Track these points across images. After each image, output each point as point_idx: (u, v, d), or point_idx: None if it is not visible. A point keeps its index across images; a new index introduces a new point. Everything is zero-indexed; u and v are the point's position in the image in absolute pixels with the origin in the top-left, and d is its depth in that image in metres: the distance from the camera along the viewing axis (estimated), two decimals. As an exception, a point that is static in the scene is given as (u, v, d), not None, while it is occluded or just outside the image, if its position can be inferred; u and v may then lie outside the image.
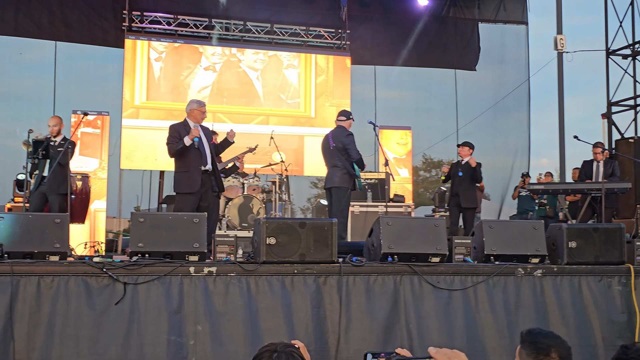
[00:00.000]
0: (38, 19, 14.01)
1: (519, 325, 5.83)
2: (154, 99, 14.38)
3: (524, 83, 16.53)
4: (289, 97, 15.27)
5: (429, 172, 29.49)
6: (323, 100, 15.34)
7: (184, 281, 5.39)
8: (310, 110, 15.36)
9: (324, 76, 15.47)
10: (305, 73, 15.43)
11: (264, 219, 5.68)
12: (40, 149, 8.48)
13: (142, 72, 14.32)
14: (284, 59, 15.33)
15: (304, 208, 21.12)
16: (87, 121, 11.98)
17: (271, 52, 15.25)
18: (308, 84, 15.41)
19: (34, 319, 5.06)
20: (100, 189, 12.27)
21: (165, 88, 14.53)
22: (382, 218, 5.98)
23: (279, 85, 15.19)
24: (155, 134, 13.69)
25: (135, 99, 14.21)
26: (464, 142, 10.92)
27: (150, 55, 14.42)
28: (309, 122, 15.27)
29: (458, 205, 10.57)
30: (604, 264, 6.29)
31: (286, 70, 15.31)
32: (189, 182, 7.77)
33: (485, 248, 6.22)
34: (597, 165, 10.90)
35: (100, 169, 12.21)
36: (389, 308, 5.70)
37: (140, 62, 14.31)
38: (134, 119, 14.11)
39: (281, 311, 5.48)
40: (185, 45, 14.77)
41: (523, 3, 16.74)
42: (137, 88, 14.24)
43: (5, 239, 5.34)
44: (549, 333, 3.10)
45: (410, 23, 16.16)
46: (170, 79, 14.58)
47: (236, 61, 15.07)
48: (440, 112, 16.93)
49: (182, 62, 14.71)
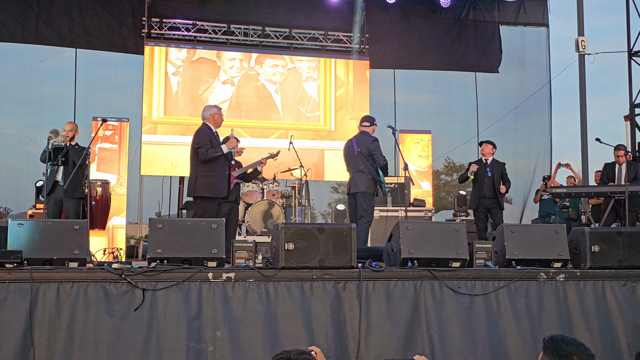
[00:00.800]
0: (58, 26, 14.13)
1: (542, 330, 5.76)
2: (172, 114, 14.37)
3: (546, 85, 16.41)
4: (308, 111, 15.17)
5: (450, 176, 29.38)
6: (343, 113, 15.23)
7: (202, 287, 5.38)
8: (330, 123, 15.24)
9: (343, 88, 15.38)
10: (324, 85, 15.33)
11: (283, 225, 5.65)
12: (60, 155, 8.52)
13: (160, 87, 14.31)
14: (303, 72, 15.25)
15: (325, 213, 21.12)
16: (104, 136, 11.96)
17: (290, 64, 15.16)
18: (328, 97, 15.31)
19: (53, 326, 5.07)
20: (119, 205, 12.07)
21: (183, 103, 14.50)
22: (402, 223, 5.93)
23: (298, 98, 15.11)
24: (173, 149, 13.75)
25: (152, 114, 14.22)
26: (487, 140, 10.61)
27: (167, 69, 14.41)
28: (329, 135, 15.14)
29: (486, 208, 10.19)
30: (628, 268, 6.20)
31: (305, 83, 15.24)
32: (217, 187, 7.91)
33: (506, 252, 6.14)
34: (619, 168, 10.76)
35: (118, 185, 12.03)
36: (409, 313, 5.65)
37: (157, 77, 14.31)
38: (152, 134, 14.12)
39: (300, 317, 5.45)
40: (203, 59, 14.71)
41: (543, 5, 16.64)
42: (154, 103, 14.24)
43: (24, 245, 5.36)
44: (572, 340, 3.05)
45: (429, 26, 16.14)
46: (188, 93, 14.55)
47: (255, 74, 14.99)
48: (461, 115, 16.84)
49: (200, 76, 14.68)
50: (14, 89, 14.55)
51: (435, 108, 17.03)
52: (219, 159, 7.95)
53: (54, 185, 8.85)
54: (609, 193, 10.38)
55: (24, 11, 13.89)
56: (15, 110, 14.72)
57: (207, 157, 7.86)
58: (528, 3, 16.57)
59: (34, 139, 13.70)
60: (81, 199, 8.96)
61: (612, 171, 10.86)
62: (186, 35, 14.70)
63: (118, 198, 11.94)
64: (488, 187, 10.16)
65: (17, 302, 5.04)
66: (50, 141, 8.39)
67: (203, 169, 7.92)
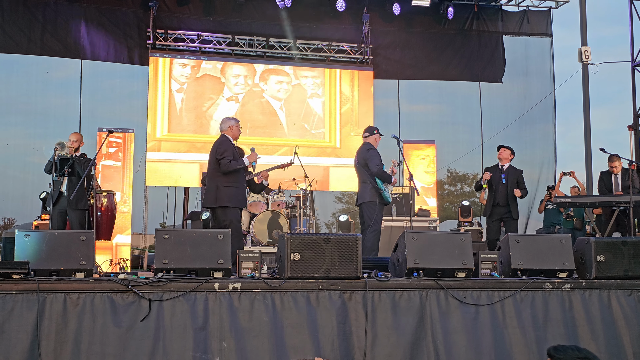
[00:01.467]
0: (64, 38, 14.22)
1: (548, 340, 5.75)
2: (176, 131, 14.36)
3: (550, 95, 16.45)
4: (313, 127, 15.15)
5: (454, 186, 29.37)
6: (348, 129, 15.19)
7: (208, 297, 5.38)
8: (335, 140, 15.21)
9: (349, 105, 15.36)
10: (329, 102, 15.30)
11: (288, 235, 5.66)
12: (66, 166, 8.55)
13: (164, 104, 14.31)
14: (308, 88, 15.24)
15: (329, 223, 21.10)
16: (108, 153, 12.00)
17: (295, 80, 15.15)
18: (333, 113, 15.29)
19: (60, 336, 5.08)
20: (123, 223, 12.07)
21: (187, 120, 14.49)
22: (407, 233, 5.94)
23: (303, 114, 15.10)
24: (177, 167, 13.79)
25: (156, 131, 14.21)
26: (505, 144, 10.27)
27: (172, 86, 14.43)
28: (334, 152, 15.10)
29: (501, 217, 9.81)
30: (634, 278, 6.19)
31: (310, 99, 15.22)
32: (239, 197, 8.16)
33: (512, 262, 6.14)
34: (616, 178, 10.74)
35: (122, 203, 12.04)
36: (415, 324, 5.64)
37: (162, 94, 14.32)
38: (156, 151, 14.14)
39: (307, 327, 5.45)
40: (208, 75, 14.70)
41: (547, 15, 16.70)
42: (158, 120, 14.24)
43: (31, 256, 5.37)
44: (575, 349, 3.05)
45: (433, 36, 16.21)
46: (192, 110, 14.55)
47: (259, 91, 14.98)
48: (465, 125, 16.86)
49: (204, 93, 14.67)
50: (19, 100, 14.63)
51: (439, 118, 17.07)
52: (240, 170, 8.14)
53: (59, 196, 8.88)
54: (614, 203, 10.37)
55: (30, 23, 13.98)
56: (21, 121, 14.79)
57: (229, 169, 8.03)
58: (531, 13, 16.63)
59: (40, 149, 13.76)
60: (85, 210, 8.99)
61: (608, 180, 10.82)
62: (191, 47, 14.77)
63: (122, 215, 11.91)
64: (501, 194, 9.81)
65: (24, 312, 5.05)
66: (57, 152, 8.42)
67: (224, 180, 8.09)
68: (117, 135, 12.35)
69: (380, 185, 8.60)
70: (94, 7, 14.38)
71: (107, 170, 12.16)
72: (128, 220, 12.29)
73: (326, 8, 15.39)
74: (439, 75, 16.39)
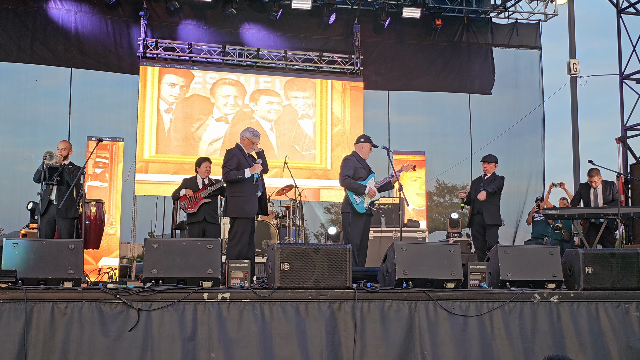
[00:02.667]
0: (54, 46, 14.20)
1: (536, 352, 5.77)
2: (164, 152, 14.17)
3: (538, 107, 16.54)
4: (304, 149, 14.96)
5: (442, 197, 29.42)
6: (339, 151, 14.90)
7: (197, 307, 5.37)
8: (326, 162, 15.04)
9: (340, 126, 15.23)
10: (321, 123, 15.13)
11: (278, 245, 5.66)
12: (55, 174, 8.52)
13: (152, 125, 14.12)
14: (299, 109, 15.09)
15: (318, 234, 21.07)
16: (94, 174, 11.89)
17: (285, 101, 15.02)
18: (324, 135, 15.12)
19: (47, 346, 5.04)
20: (109, 246, 11.82)
21: (176, 141, 14.29)
22: (397, 243, 5.95)
23: (293, 136, 14.92)
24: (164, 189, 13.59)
25: (144, 152, 14.03)
26: (488, 155, 10.28)
27: (160, 107, 14.26)
28: (325, 174, 14.93)
29: (482, 224, 9.85)
30: (622, 290, 6.22)
31: (301, 120, 15.08)
32: (244, 207, 7.99)
33: (500, 274, 6.16)
34: (595, 192, 10.77)
35: (108, 225, 11.69)
36: (403, 334, 5.64)
37: (150, 114, 14.13)
38: (144, 173, 14.00)
39: (295, 337, 5.44)
40: (197, 96, 14.54)
41: (536, 28, 16.83)
42: (146, 141, 14.05)
43: (19, 265, 5.35)
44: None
45: (423, 48, 16.29)
46: (181, 131, 14.36)
47: (249, 112, 14.81)
48: (454, 137, 16.91)
49: (193, 114, 14.48)
50: (8, 108, 14.55)
51: (428, 129, 17.11)
52: (247, 180, 7.99)
53: (48, 204, 8.83)
54: (602, 215, 10.42)
55: (20, 31, 13.96)
56: (10, 130, 14.72)
57: (228, 179, 8.02)
58: (521, 26, 16.75)
59: (28, 158, 13.72)
60: (74, 219, 8.94)
61: (586, 192, 10.85)
62: (181, 56, 14.75)
63: (107, 237, 11.65)
64: (478, 202, 9.88)
65: (11, 321, 5.02)
66: (45, 161, 8.38)
67: (231, 190, 8.11)
68: (104, 155, 12.19)
69: (349, 195, 8.49)
70: (84, 15, 14.37)
71: (94, 191, 11.94)
72: (115, 243, 12.05)
73: (317, 19, 15.45)
74: (429, 87, 16.47)
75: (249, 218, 8.05)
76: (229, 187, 8.16)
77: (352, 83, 15.49)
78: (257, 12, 15.32)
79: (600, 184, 10.72)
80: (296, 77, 15.28)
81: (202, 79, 14.76)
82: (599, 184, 10.71)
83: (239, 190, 8.02)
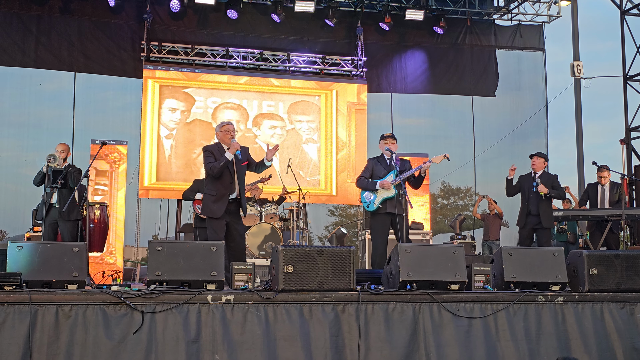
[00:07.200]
0: (58, 50, 14.23)
1: (541, 353, 5.76)
2: (165, 179, 13.97)
3: (542, 109, 16.52)
4: (308, 174, 14.60)
5: (447, 199, 29.42)
6: (345, 176, 14.65)
7: (201, 310, 5.37)
8: (331, 187, 14.69)
9: (345, 150, 14.90)
10: (325, 148, 14.80)
11: (282, 247, 5.66)
12: (60, 177, 8.53)
13: (152, 151, 13.93)
14: (303, 133, 14.80)
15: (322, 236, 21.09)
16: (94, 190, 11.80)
17: (289, 125, 14.73)
18: (329, 160, 14.78)
19: (52, 349, 5.05)
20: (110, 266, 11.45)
21: (176, 167, 14.06)
22: (401, 246, 5.95)
23: (297, 161, 14.49)
24: None
25: (144, 180, 13.87)
26: (536, 152, 9.93)
27: (160, 132, 14.08)
28: (330, 200, 14.62)
29: (533, 226, 9.40)
30: (626, 291, 6.21)
31: (305, 144, 14.80)
32: (211, 207, 7.66)
33: (505, 275, 6.16)
34: (602, 189, 10.75)
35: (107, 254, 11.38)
36: (408, 336, 5.64)
37: (150, 140, 13.94)
38: (145, 198, 13.92)
39: (299, 340, 5.44)
40: (198, 121, 14.29)
41: (539, 30, 16.79)
42: (146, 168, 13.89)
43: (24, 268, 5.36)
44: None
45: (426, 50, 16.26)
46: (182, 157, 14.12)
47: (252, 137, 14.48)
48: (458, 139, 16.87)
49: (194, 139, 14.19)
50: (12, 112, 14.60)
51: (431, 132, 17.06)
52: (223, 179, 7.67)
53: (49, 207, 8.83)
54: (606, 216, 10.40)
55: (24, 35, 13.99)
56: (14, 133, 14.75)
57: (215, 170, 7.57)
58: (524, 28, 16.72)
59: (32, 162, 13.73)
60: (77, 221, 8.94)
61: (593, 192, 10.83)
62: (185, 59, 14.78)
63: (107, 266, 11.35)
64: (533, 202, 9.40)
65: (16, 324, 5.03)
66: (49, 164, 8.38)
67: (207, 188, 7.76)
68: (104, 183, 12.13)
69: (360, 195, 8.49)
70: (87, 19, 14.39)
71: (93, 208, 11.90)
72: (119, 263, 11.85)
73: (320, 22, 15.45)
74: (432, 89, 16.44)
75: (217, 218, 7.62)
76: (206, 186, 7.83)
77: (357, 106, 15.21)
78: (261, 14, 15.31)
79: (608, 182, 10.70)
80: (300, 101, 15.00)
81: (204, 103, 14.51)
82: (608, 181, 10.68)
83: (210, 189, 7.69)
